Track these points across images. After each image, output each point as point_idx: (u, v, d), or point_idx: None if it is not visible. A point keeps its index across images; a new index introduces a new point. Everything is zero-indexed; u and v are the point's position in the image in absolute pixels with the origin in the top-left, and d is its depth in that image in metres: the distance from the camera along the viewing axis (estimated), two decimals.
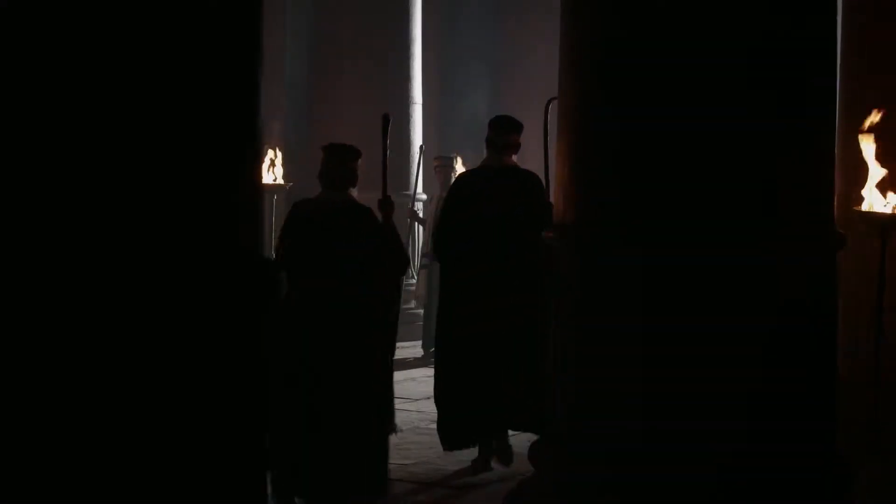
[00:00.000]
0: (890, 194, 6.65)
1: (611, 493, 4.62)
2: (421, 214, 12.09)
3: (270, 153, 11.00)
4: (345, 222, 6.34)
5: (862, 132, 6.54)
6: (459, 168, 11.40)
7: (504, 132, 7.24)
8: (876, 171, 6.58)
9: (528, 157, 8.96)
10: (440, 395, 7.14)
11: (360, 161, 6.52)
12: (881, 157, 6.52)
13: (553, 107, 5.44)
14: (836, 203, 5.08)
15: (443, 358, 7.20)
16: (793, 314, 4.68)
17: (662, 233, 4.62)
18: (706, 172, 4.60)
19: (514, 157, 7.31)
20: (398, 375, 10.42)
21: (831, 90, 5.03)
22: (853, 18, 7.56)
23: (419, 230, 12.10)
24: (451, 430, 6.97)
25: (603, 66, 4.75)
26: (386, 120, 6.59)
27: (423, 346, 11.46)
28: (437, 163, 11.53)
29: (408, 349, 11.70)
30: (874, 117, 6.55)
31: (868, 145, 6.48)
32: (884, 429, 7.04)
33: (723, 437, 4.59)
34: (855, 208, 6.68)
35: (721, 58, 4.59)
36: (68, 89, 1.91)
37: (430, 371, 10.62)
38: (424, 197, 12.49)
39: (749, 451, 4.60)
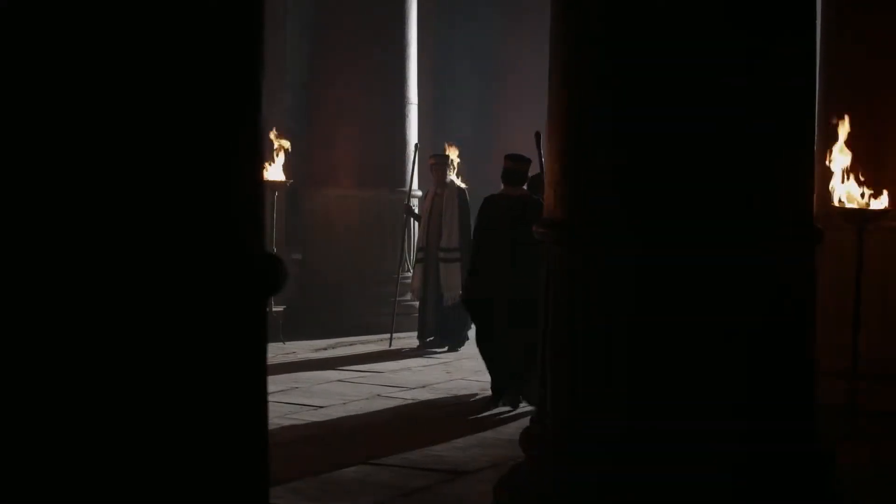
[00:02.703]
0: (865, 188, 6.84)
1: (611, 492, 4.61)
2: (416, 210, 12.28)
3: (275, 143, 11.16)
4: (519, 209, 8.88)
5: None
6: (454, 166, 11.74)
7: None
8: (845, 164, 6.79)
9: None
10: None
11: (530, 165, 9.01)
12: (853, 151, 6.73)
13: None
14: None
15: None
16: (790, 313, 4.71)
17: (661, 232, 4.62)
18: (707, 173, 4.59)
19: None
20: (394, 365, 10.80)
21: (814, 90, 5.14)
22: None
23: (415, 225, 12.30)
24: None
25: (600, 65, 4.70)
26: (538, 136, 8.68)
27: (419, 337, 11.82)
28: (433, 161, 11.76)
29: (404, 340, 11.96)
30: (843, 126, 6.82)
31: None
32: (861, 417, 7.25)
33: (724, 437, 4.58)
34: (832, 203, 6.86)
35: (720, 58, 4.58)
36: (67, 89, 1.92)
37: (425, 361, 10.96)
38: (420, 193, 12.69)
39: (750, 451, 4.59)
